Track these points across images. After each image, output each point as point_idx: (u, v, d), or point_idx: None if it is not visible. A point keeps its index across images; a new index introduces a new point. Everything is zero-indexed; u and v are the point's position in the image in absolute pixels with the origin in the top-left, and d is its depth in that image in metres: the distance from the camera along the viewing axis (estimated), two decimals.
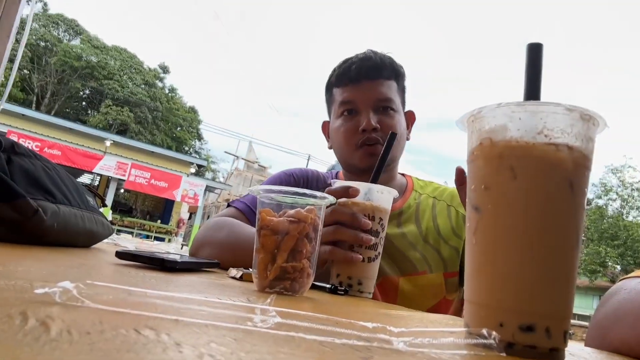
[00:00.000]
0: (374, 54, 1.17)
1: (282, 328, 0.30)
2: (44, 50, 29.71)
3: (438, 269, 1.12)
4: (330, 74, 1.23)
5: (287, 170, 1.30)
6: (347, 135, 1.14)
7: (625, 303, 0.52)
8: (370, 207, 0.86)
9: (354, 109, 1.15)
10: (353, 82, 1.15)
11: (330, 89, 1.23)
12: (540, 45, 0.43)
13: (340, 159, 1.22)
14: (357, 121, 1.13)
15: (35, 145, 14.02)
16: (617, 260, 22.37)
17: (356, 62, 1.16)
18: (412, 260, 1.11)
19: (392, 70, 1.17)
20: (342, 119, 1.16)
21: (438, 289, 1.11)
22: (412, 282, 1.09)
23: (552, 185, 0.37)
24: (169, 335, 0.24)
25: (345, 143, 1.15)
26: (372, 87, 1.14)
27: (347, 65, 1.17)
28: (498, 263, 0.38)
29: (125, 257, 0.70)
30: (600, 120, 0.39)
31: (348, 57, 1.20)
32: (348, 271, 0.84)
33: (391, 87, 1.16)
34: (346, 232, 0.83)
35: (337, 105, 1.18)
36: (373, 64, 1.15)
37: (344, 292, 0.76)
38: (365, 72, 1.14)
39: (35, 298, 0.29)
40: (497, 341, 0.33)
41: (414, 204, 1.21)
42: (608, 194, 25.14)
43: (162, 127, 32.59)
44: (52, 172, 0.83)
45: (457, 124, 0.45)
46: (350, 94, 1.15)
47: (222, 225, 1.04)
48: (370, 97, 1.13)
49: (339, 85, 1.19)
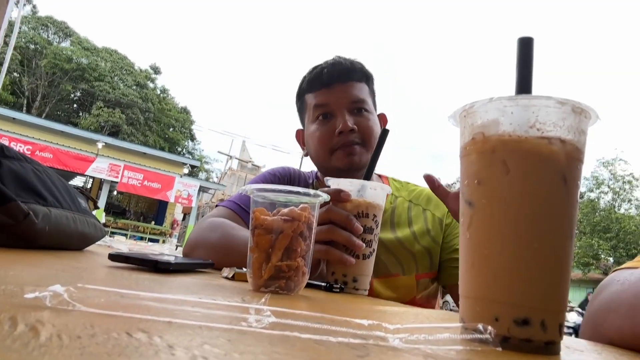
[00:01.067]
0: (344, 59, 1.19)
1: (277, 328, 0.30)
2: (34, 52, 29.45)
3: (410, 271, 1.14)
4: (300, 82, 1.24)
5: (270, 170, 1.31)
6: (323, 139, 1.15)
7: (618, 294, 0.53)
8: (365, 204, 0.86)
9: (328, 113, 1.15)
10: (325, 86, 1.16)
11: (302, 96, 1.24)
12: (531, 40, 0.43)
13: (317, 164, 1.22)
14: (332, 124, 1.14)
15: (27, 148, 13.92)
16: (609, 253, 22.55)
17: (327, 66, 1.17)
18: (385, 263, 1.12)
19: (362, 73, 1.19)
20: (317, 124, 1.17)
21: (410, 290, 1.13)
22: (385, 284, 1.11)
23: (545, 178, 0.37)
24: (162, 338, 0.24)
25: (321, 147, 1.15)
26: (344, 89, 1.15)
27: (318, 71, 1.18)
28: (492, 257, 0.38)
29: (118, 259, 0.69)
30: (592, 113, 0.39)
31: (316, 64, 1.21)
32: (343, 269, 0.84)
33: (363, 89, 1.18)
34: (340, 233, 0.82)
35: (312, 110, 1.18)
36: (344, 68, 1.16)
37: (339, 290, 0.76)
38: (337, 76, 1.15)
39: (25, 303, 0.28)
40: (492, 336, 0.33)
41: (389, 208, 1.21)
42: (600, 187, 25.33)
43: (154, 128, 32.43)
44: (43, 175, 0.82)
45: (450, 119, 0.45)
46: (323, 97, 1.16)
47: (215, 226, 1.04)
48: (344, 99, 1.14)
49: (311, 91, 1.19)
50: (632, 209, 24.74)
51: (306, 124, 1.23)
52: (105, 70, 30.79)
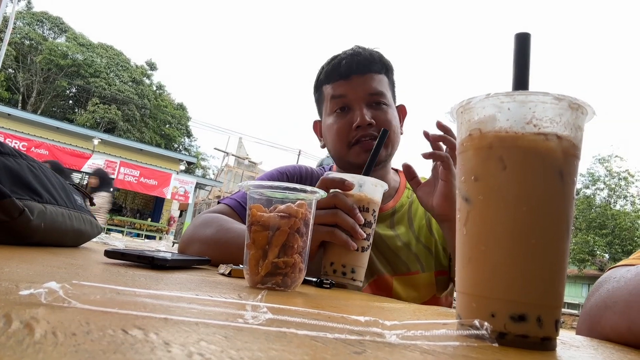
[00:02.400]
0: (363, 50, 1.16)
1: (273, 324, 0.30)
2: (29, 48, 29.27)
3: (429, 268, 1.13)
4: (318, 73, 1.21)
5: (280, 168, 1.29)
6: (340, 132, 1.13)
7: (614, 291, 0.53)
8: (366, 198, 0.87)
9: (346, 105, 1.13)
10: (343, 78, 1.13)
11: (320, 87, 1.21)
12: (528, 35, 0.43)
13: (334, 157, 1.20)
14: (350, 118, 1.11)
15: (22, 145, 13.84)
16: (605, 249, 22.68)
17: (345, 57, 1.14)
18: (405, 260, 1.12)
19: (382, 64, 1.16)
20: (334, 116, 1.15)
21: (429, 288, 1.13)
22: (405, 282, 1.11)
23: (542, 174, 0.37)
24: (158, 335, 0.24)
25: (339, 140, 1.13)
26: (363, 82, 1.12)
27: (337, 62, 1.15)
28: (489, 253, 0.38)
29: (115, 256, 0.69)
30: (589, 109, 0.39)
31: (335, 54, 1.18)
32: (343, 259, 0.85)
33: (382, 81, 1.15)
34: (346, 219, 0.84)
35: (329, 102, 1.16)
36: (363, 59, 1.13)
37: (329, 286, 0.76)
38: (356, 67, 1.12)
39: (20, 299, 0.28)
40: (489, 331, 0.33)
41: (406, 203, 1.21)
42: (596, 184, 25.46)
43: (150, 125, 32.32)
44: (38, 171, 0.82)
45: (447, 115, 0.45)
46: (341, 89, 1.13)
47: (210, 221, 1.04)
48: (362, 92, 1.12)
49: (329, 82, 1.17)
50: (628, 205, 24.89)
51: (323, 115, 1.21)
52: (101, 67, 30.64)
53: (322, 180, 0.87)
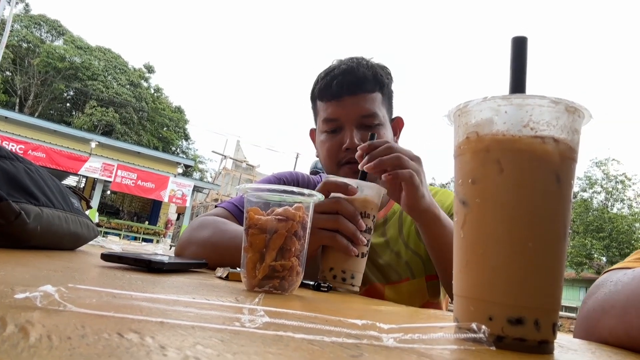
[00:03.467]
0: (357, 65, 1.13)
1: (270, 328, 0.30)
2: (27, 51, 29.24)
3: (420, 273, 1.13)
4: (314, 82, 1.20)
5: (277, 174, 1.29)
6: (331, 151, 1.13)
7: (611, 295, 0.53)
8: (371, 202, 0.88)
9: (337, 127, 1.12)
10: (335, 98, 1.11)
11: (315, 99, 1.21)
12: (524, 39, 0.43)
13: (326, 172, 1.21)
14: (340, 138, 1.11)
15: (19, 147, 13.82)
16: (602, 252, 22.71)
17: (338, 76, 1.11)
18: (396, 268, 1.13)
19: (376, 81, 1.13)
20: (325, 135, 1.15)
21: (421, 294, 1.13)
22: (396, 290, 1.11)
23: (539, 178, 0.37)
24: (154, 338, 0.24)
25: (329, 159, 1.14)
26: (354, 103, 1.10)
27: (329, 80, 1.12)
28: (486, 256, 0.38)
29: (111, 259, 0.69)
30: (586, 112, 0.39)
31: (332, 65, 1.16)
32: (343, 265, 0.85)
33: (375, 99, 1.13)
34: (348, 224, 0.84)
35: (321, 121, 1.16)
36: (354, 78, 1.10)
37: (327, 290, 0.76)
38: (347, 88, 1.10)
39: (16, 303, 0.28)
40: (486, 335, 0.33)
41: (398, 210, 1.22)
42: (593, 187, 25.52)
43: (148, 128, 32.29)
44: (35, 174, 0.81)
45: (444, 118, 0.45)
46: (332, 111, 1.12)
47: (206, 224, 1.04)
48: (353, 114, 1.10)
49: (322, 100, 1.16)
50: (625, 208, 24.96)
51: (317, 130, 1.21)
52: (99, 69, 30.63)
53: (324, 183, 0.86)
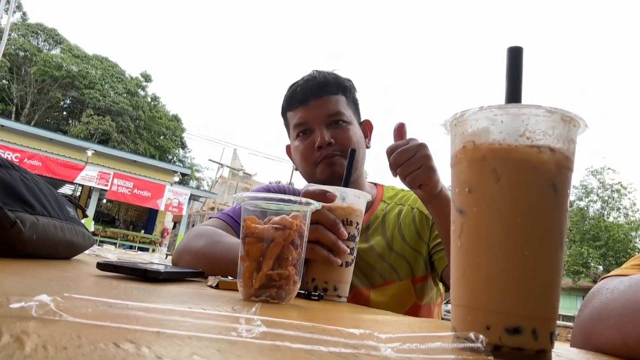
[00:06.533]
0: (318, 73, 1.22)
1: (267, 337, 0.30)
2: (23, 60, 29.24)
3: (406, 276, 1.14)
4: (282, 101, 1.27)
5: (265, 186, 1.36)
6: (305, 154, 1.19)
7: (608, 303, 0.53)
8: (355, 211, 0.86)
9: (307, 129, 1.19)
10: (302, 103, 1.19)
11: (284, 114, 1.28)
12: (520, 49, 0.43)
13: (305, 178, 1.26)
14: (312, 139, 1.17)
15: (15, 156, 13.77)
16: (599, 261, 22.74)
17: (301, 84, 1.21)
18: (380, 271, 1.14)
19: (338, 85, 1.21)
20: (298, 140, 1.21)
21: (407, 296, 1.14)
22: (382, 293, 1.12)
23: (535, 187, 0.38)
24: (150, 348, 0.24)
25: (305, 161, 1.19)
26: (320, 105, 1.18)
27: (294, 89, 1.22)
28: (483, 266, 0.38)
29: (107, 268, 0.68)
30: (581, 122, 0.39)
31: (295, 81, 1.24)
32: (325, 276, 0.83)
33: (339, 101, 1.20)
34: (327, 234, 0.83)
35: (292, 128, 1.23)
36: (317, 83, 1.19)
37: (317, 298, 0.75)
38: (310, 91, 1.18)
39: (11, 313, 0.28)
40: (484, 344, 0.33)
41: (380, 215, 1.24)
42: (589, 196, 25.61)
43: (144, 136, 32.25)
44: (31, 182, 0.81)
45: (441, 127, 0.45)
46: (301, 115, 1.19)
47: (202, 233, 1.05)
48: (319, 114, 1.17)
49: (290, 109, 1.23)
50: (621, 217, 25.02)
51: (291, 140, 1.27)
52: (96, 78, 30.62)
53: (303, 193, 0.85)
